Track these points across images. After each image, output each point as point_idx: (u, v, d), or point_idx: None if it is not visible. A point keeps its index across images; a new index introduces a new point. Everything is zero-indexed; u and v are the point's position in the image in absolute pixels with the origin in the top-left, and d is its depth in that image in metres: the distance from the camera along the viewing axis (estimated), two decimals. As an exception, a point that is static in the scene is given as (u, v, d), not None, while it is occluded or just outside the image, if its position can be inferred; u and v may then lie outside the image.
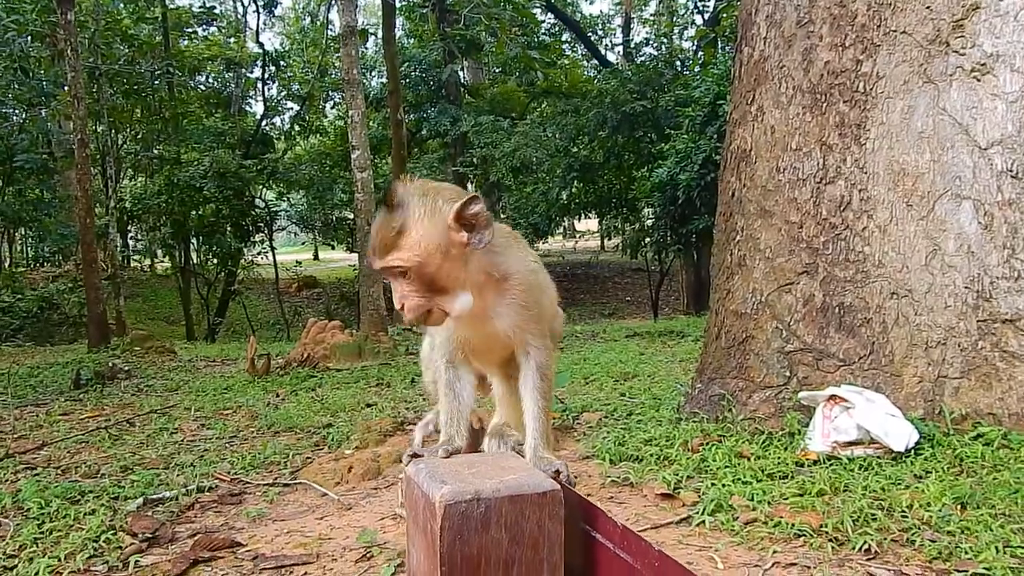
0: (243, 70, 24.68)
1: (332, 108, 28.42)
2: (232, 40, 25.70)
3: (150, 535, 3.18)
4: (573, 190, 22.41)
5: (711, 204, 12.83)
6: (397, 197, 2.39)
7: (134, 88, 19.96)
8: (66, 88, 13.58)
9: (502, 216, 22.26)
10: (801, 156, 3.91)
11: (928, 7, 3.67)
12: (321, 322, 9.64)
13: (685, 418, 4.18)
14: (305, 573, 2.76)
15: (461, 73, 24.82)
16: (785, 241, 3.93)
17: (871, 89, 3.77)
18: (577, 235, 32.93)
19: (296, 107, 25.44)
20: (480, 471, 2.09)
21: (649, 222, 19.54)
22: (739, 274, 4.11)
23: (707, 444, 3.69)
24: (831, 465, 3.35)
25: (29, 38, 15.78)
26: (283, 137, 25.72)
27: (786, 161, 3.96)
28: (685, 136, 14.71)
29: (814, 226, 3.86)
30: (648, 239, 18.95)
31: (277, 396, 6.77)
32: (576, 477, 3.49)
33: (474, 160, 21.62)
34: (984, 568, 2.43)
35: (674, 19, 28.35)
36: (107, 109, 18.37)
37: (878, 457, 3.36)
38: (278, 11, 27.55)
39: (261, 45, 24.82)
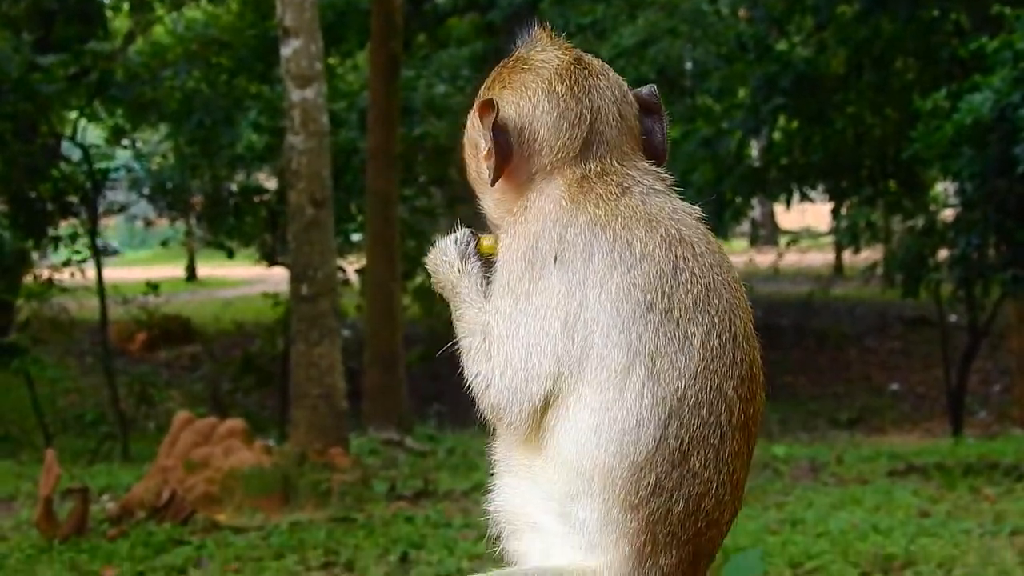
0: None
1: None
2: None
3: None
4: (775, 136, 20.89)
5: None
6: (536, 33, 2.86)
7: None
8: None
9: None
10: None
11: None
12: (202, 421, 10.21)
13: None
14: None
15: None
16: None
17: None
18: (781, 239, 31.55)
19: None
20: None
21: (947, 214, 18.55)
22: None
23: None
24: None
25: None
26: (128, 7, 23.44)
27: None
28: (1043, 21, 14.19)
29: None
30: (946, 253, 18.09)
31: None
32: None
33: (551, 65, 21.60)
34: None
35: None
36: None
37: None
38: None
39: None
